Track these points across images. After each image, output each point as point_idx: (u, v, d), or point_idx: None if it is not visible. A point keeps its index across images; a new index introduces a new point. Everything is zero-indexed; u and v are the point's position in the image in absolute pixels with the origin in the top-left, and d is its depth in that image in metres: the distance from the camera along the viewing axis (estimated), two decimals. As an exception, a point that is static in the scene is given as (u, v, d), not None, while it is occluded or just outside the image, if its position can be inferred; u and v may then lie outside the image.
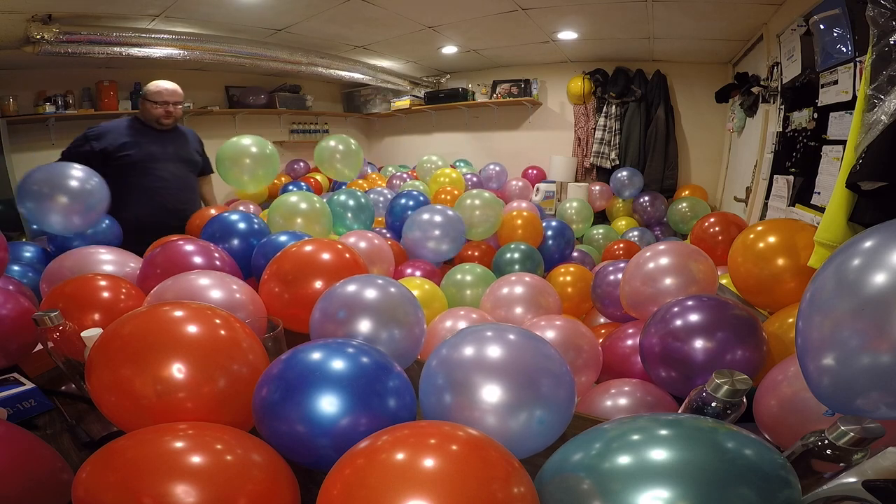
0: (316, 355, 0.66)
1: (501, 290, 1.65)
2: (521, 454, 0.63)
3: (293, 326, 1.11)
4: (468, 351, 0.70)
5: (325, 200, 2.21)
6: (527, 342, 0.72)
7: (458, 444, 0.46)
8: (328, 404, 0.60)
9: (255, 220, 1.78)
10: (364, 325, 0.92)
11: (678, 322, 1.02)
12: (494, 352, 0.68)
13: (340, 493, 0.44)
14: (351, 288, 0.97)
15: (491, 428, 0.64)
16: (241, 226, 1.72)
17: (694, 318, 1.00)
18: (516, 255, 2.33)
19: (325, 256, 1.20)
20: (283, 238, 1.56)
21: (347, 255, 1.23)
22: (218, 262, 1.35)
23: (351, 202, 2.44)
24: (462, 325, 1.38)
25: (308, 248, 1.23)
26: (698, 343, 0.97)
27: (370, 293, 0.95)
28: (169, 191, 2.23)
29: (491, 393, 0.65)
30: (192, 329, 0.68)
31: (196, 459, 0.52)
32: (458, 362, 0.69)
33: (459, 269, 2.04)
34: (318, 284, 1.13)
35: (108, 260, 1.38)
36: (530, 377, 0.67)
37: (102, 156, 2.11)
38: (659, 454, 0.45)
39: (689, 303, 1.05)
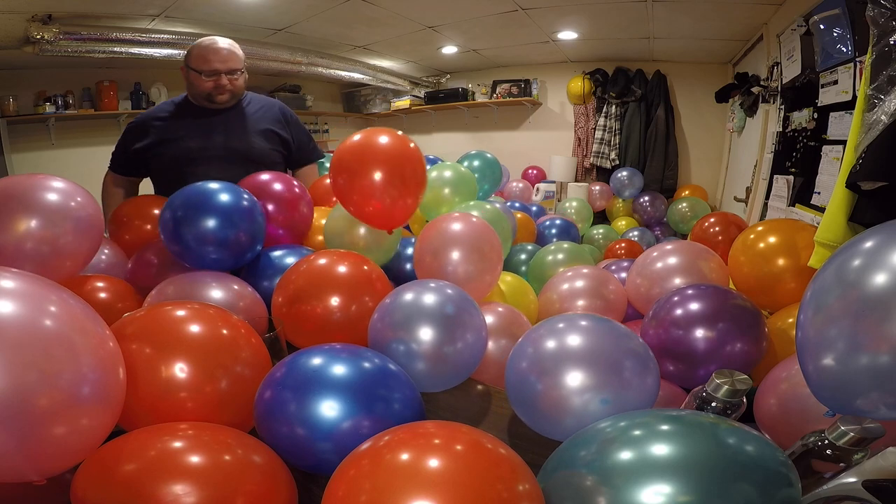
0: (318, 360, 0.66)
1: (561, 286, 1.50)
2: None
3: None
4: (552, 343, 0.72)
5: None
6: (612, 330, 0.75)
7: (462, 444, 0.46)
8: (330, 409, 0.60)
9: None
10: (426, 334, 0.85)
11: (678, 311, 1.00)
12: (575, 340, 0.71)
13: (346, 495, 0.44)
14: (409, 296, 0.91)
15: (577, 409, 0.66)
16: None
17: (694, 306, 0.99)
18: (522, 256, 2.30)
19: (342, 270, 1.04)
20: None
21: (366, 267, 1.08)
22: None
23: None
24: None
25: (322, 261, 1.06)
26: (699, 332, 0.95)
27: (430, 299, 0.90)
28: None
29: (575, 379, 0.67)
30: (195, 328, 0.68)
31: (195, 459, 0.52)
32: (546, 352, 0.72)
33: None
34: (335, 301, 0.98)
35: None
36: (617, 362, 0.69)
37: (137, 157, 1.56)
38: (661, 449, 0.46)
39: (690, 291, 1.03)
